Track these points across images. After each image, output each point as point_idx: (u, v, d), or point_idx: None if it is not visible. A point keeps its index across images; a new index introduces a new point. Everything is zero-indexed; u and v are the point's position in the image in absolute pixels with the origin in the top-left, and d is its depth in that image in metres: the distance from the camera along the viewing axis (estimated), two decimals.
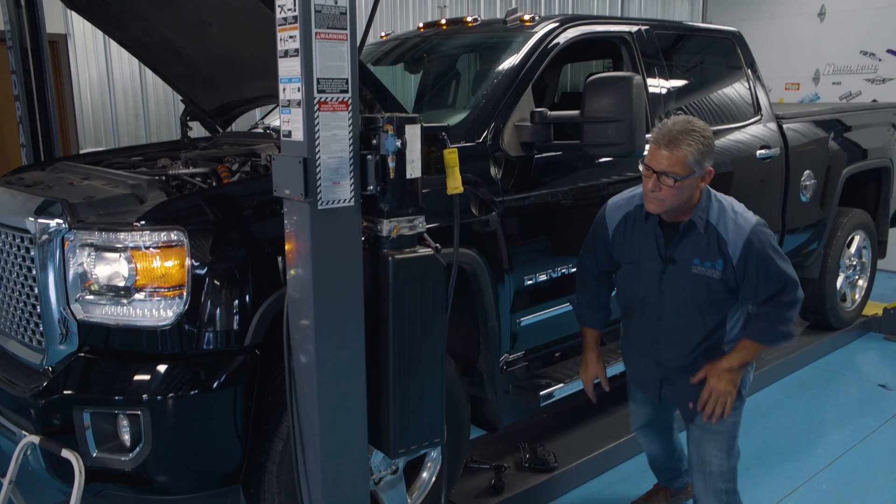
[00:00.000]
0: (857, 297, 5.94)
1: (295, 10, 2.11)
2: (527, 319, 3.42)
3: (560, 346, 3.73)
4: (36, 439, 2.53)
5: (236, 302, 2.52)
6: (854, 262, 5.79)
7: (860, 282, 5.95)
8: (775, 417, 4.48)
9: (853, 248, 5.72)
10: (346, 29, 2.18)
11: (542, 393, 3.44)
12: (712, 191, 2.68)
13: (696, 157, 2.51)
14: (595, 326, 3.08)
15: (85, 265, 2.56)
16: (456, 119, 3.38)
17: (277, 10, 2.19)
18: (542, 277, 3.44)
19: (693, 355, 2.79)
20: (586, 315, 3.09)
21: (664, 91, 4.11)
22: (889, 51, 8.06)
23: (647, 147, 2.69)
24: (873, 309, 6.07)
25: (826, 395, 4.86)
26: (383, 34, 4.83)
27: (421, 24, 4.48)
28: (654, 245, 2.73)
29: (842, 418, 4.51)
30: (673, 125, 2.55)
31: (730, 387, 2.72)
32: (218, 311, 2.50)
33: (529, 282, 3.38)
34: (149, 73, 4.82)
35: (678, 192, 2.54)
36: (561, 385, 3.51)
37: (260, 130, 4.26)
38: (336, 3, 2.15)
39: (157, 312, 2.50)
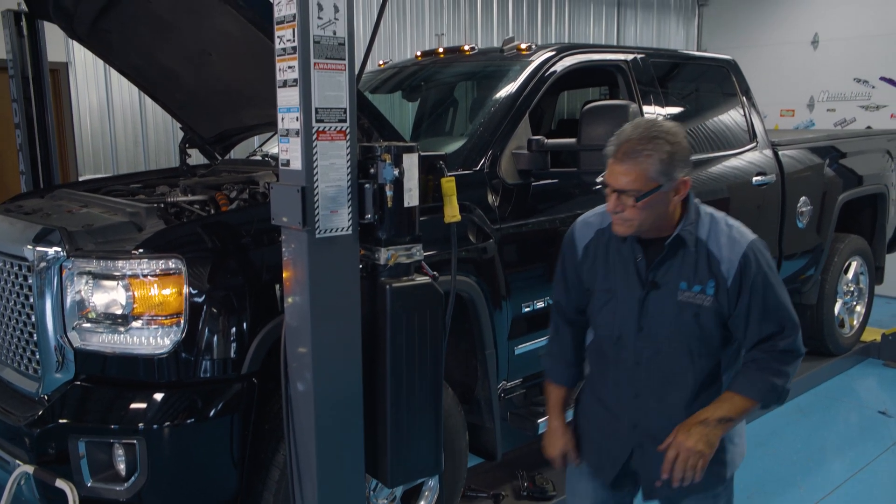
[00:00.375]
0: (855, 322, 5.94)
1: (294, 41, 2.14)
2: (524, 347, 3.42)
3: None
4: (30, 469, 2.51)
5: (234, 330, 2.51)
6: (852, 288, 5.80)
7: (858, 308, 5.95)
8: (774, 444, 4.45)
9: (850, 274, 5.73)
10: (344, 59, 2.20)
11: (540, 420, 3.43)
12: (701, 203, 2.23)
13: (661, 167, 2.03)
14: (563, 383, 2.47)
15: (82, 293, 2.56)
16: (453, 147, 3.40)
17: (277, 40, 2.22)
18: (540, 305, 3.44)
19: (684, 414, 2.18)
20: (553, 368, 2.49)
21: (660, 118, 4.14)
22: (882, 78, 8.14)
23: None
24: (872, 335, 6.07)
25: (825, 422, 4.84)
26: (381, 62, 4.87)
27: (419, 53, 4.52)
28: (634, 267, 2.20)
29: (842, 445, 4.49)
30: (632, 132, 2.08)
31: (701, 444, 2.08)
32: (215, 339, 2.49)
33: (527, 309, 3.38)
34: (148, 100, 4.85)
35: (645, 211, 2.08)
36: None
37: (258, 158, 4.28)
38: (335, 34, 2.17)
39: (155, 340, 2.50)
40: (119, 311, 2.52)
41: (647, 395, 2.24)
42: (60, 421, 2.52)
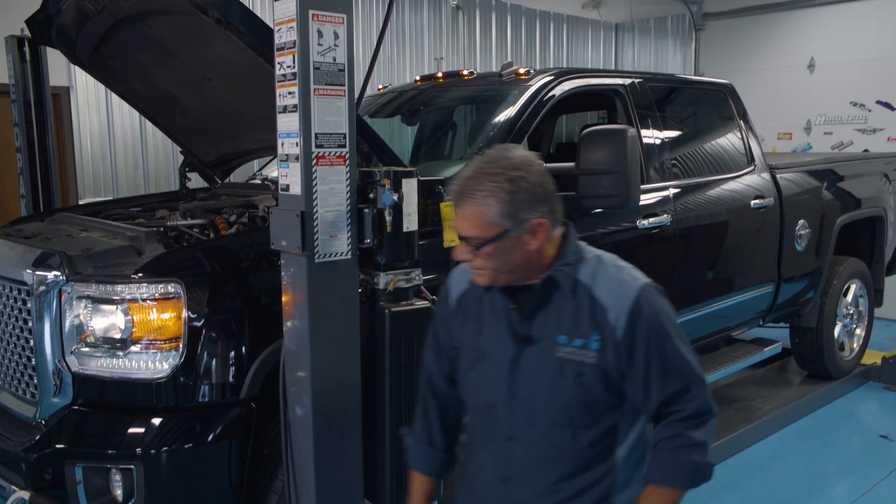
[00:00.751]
0: (855, 346, 5.92)
1: (294, 67, 2.16)
2: None
3: None
4: (26, 495, 2.50)
5: (232, 354, 2.51)
6: (851, 311, 5.79)
7: (858, 330, 5.94)
8: (775, 469, 4.43)
9: (850, 297, 5.73)
10: (343, 85, 2.22)
11: None
12: (585, 244, 1.88)
13: (502, 209, 1.68)
14: (425, 471, 2.03)
15: (81, 317, 2.56)
16: (452, 170, 3.40)
17: (277, 66, 2.24)
18: None
19: (562, 501, 1.80)
20: (416, 451, 2.05)
21: (658, 142, 4.16)
22: (879, 102, 8.19)
23: None
24: (872, 358, 6.05)
25: (827, 446, 4.81)
26: (381, 86, 4.90)
27: (418, 77, 4.55)
28: (505, 319, 1.83)
29: (844, 470, 4.46)
30: (471, 169, 1.74)
31: None
32: (214, 363, 2.49)
33: None
34: (148, 124, 4.89)
35: (496, 259, 1.73)
36: None
37: (258, 182, 4.29)
38: (334, 60, 2.19)
39: (153, 365, 2.49)
40: (118, 336, 2.52)
41: (519, 478, 1.83)
42: (57, 446, 2.51)
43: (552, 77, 3.81)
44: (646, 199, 3.81)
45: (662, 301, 1.80)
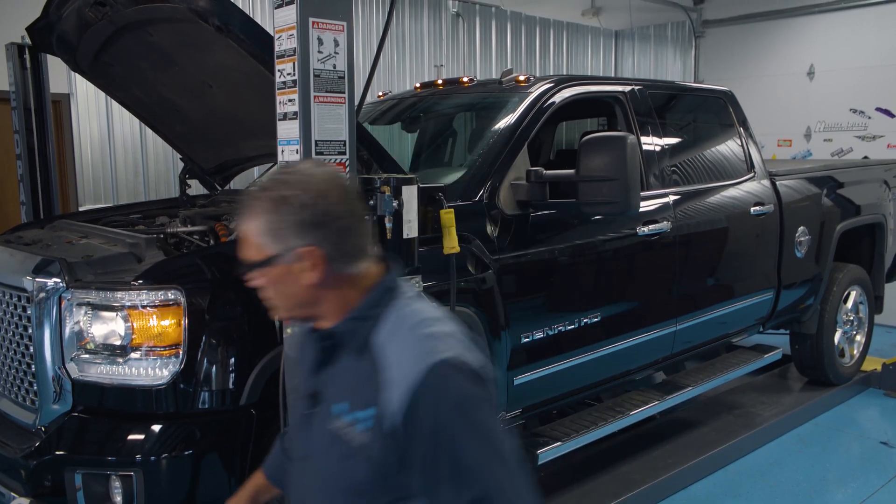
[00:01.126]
0: (855, 352, 5.92)
1: (294, 74, 2.16)
2: (524, 377, 3.40)
3: (557, 403, 3.70)
4: (26, 501, 2.50)
5: (232, 361, 2.51)
6: (851, 318, 5.79)
7: (858, 337, 5.93)
8: (775, 476, 4.42)
9: (850, 304, 5.73)
10: (344, 93, 2.23)
11: (539, 451, 3.41)
12: (411, 293, 1.52)
13: (269, 229, 1.41)
14: (265, 471, 1.89)
15: (81, 324, 2.56)
16: (452, 177, 3.41)
17: (277, 74, 2.24)
18: (539, 335, 3.43)
19: None
20: (272, 450, 1.92)
21: (658, 149, 4.17)
22: (878, 109, 8.20)
23: None
24: (872, 364, 6.04)
25: (827, 453, 4.80)
26: (381, 93, 4.91)
27: (418, 84, 4.56)
28: (309, 367, 1.56)
29: (844, 477, 4.45)
30: (258, 185, 1.52)
31: None
32: (214, 370, 2.49)
33: (526, 339, 3.38)
34: (149, 131, 4.90)
35: (275, 289, 1.46)
36: (559, 443, 3.48)
37: None
38: (335, 67, 2.20)
39: (153, 371, 2.50)
40: (118, 342, 2.52)
41: None
42: (57, 452, 2.51)
43: (552, 84, 3.82)
44: (646, 206, 3.82)
45: (462, 384, 1.36)
